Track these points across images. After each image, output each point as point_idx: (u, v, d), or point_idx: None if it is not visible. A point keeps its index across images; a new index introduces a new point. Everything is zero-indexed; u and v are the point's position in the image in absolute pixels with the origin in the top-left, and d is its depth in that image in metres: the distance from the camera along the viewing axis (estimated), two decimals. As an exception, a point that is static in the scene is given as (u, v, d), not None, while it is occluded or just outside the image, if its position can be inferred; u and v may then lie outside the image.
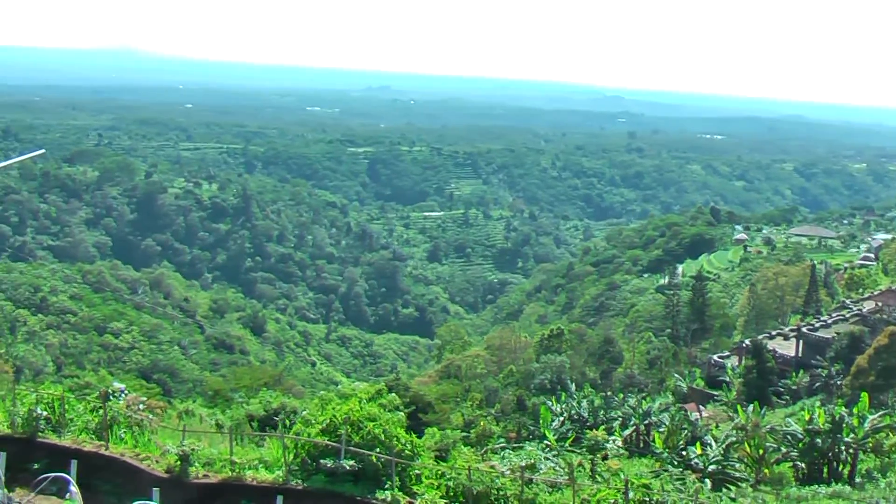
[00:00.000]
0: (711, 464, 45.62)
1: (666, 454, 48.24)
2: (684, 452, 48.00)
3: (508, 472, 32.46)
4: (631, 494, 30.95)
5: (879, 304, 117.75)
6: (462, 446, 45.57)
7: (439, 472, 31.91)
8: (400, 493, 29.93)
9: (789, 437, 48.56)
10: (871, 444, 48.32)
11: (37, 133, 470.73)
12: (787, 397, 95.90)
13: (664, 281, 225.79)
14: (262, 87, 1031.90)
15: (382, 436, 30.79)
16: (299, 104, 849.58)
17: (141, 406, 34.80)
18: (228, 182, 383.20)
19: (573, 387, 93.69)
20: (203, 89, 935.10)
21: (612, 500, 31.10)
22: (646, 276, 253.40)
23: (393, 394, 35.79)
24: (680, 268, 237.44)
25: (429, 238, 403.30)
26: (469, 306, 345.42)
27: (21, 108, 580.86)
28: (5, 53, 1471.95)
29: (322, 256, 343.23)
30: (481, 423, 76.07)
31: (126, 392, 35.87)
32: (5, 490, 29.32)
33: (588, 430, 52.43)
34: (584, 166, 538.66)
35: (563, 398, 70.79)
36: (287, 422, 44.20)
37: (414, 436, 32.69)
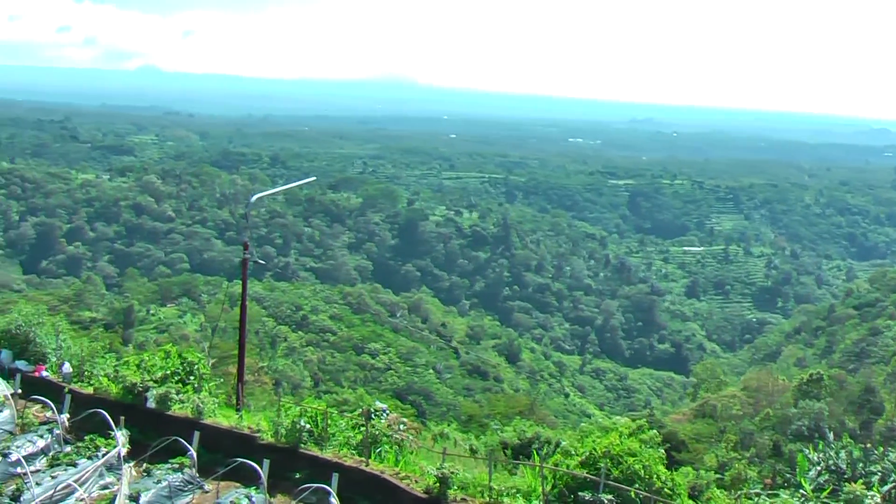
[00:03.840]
0: (973, 530, 42.54)
1: (926, 515, 45.37)
2: (946, 515, 45.01)
3: (764, 519, 31.37)
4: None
5: None
6: (715, 488, 44.41)
7: (698, 513, 31.01)
8: (658, 531, 29.09)
9: None
10: None
11: (303, 161, 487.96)
12: None
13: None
14: (526, 118, 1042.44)
15: (642, 472, 30.10)
16: (561, 135, 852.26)
17: (402, 426, 35.22)
18: (489, 211, 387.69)
19: (831, 436, 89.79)
20: (467, 119, 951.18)
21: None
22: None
23: (654, 431, 35.00)
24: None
25: (687, 273, 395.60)
26: (726, 345, 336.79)
27: (290, 137, 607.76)
28: (277, 86, 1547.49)
29: (579, 288, 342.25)
30: (736, 466, 74.05)
31: (388, 412, 36.37)
32: (267, 495, 30.41)
33: (846, 483, 50.02)
34: (849, 203, 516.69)
35: (820, 447, 68.01)
36: (543, 451, 43.88)
37: (675, 473, 31.79)
